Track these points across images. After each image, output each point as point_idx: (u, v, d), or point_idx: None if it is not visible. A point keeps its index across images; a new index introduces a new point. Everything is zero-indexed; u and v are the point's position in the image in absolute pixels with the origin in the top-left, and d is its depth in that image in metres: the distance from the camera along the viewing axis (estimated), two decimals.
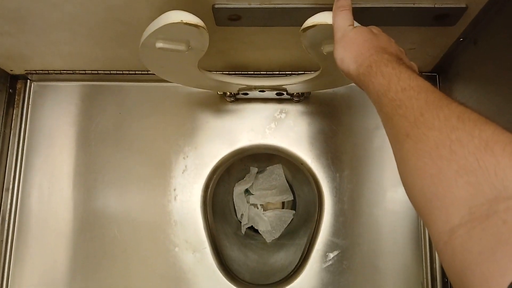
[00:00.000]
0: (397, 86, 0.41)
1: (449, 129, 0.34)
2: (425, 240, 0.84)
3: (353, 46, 0.49)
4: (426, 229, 0.83)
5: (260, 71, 0.87)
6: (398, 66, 0.43)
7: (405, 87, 0.40)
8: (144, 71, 0.87)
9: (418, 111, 0.37)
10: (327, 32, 0.55)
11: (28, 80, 0.91)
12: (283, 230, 1.00)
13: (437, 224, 0.33)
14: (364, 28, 0.52)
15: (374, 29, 0.53)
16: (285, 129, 0.88)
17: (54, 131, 0.90)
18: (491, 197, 0.29)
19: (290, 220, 1.01)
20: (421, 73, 0.87)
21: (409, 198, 0.37)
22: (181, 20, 0.54)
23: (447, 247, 0.32)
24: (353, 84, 0.86)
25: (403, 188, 0.39)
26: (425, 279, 0.82)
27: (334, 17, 0.53)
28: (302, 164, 0.87)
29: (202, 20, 0.55)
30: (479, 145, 0.31)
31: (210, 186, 0.89)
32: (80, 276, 0.84)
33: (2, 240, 0.85)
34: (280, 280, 0.86)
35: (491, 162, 0.30)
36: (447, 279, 0.80)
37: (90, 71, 0.88)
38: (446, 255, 0.32)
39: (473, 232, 0.30)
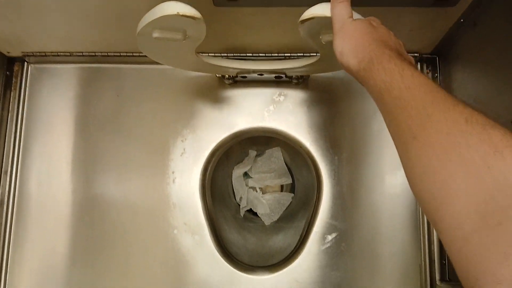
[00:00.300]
0: (401, 83, 0.40)
1: (458, 133, 0.33)
2: (423, 223, 0.84)
3: (352, 38, 0.49)
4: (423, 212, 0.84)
5: (258, 53, 0.86)
6: (401, 63, 0.43)
7: (409, 85, 0.40)
8: (142, 53, 0.86)
9: (425, 112, 0.36)
10: (326, 22, 0.54)
11: (26, 63, 0.91)
12: (281, 213, 1.01)
13: (449, 231, 0.33)
14: (364, 20, 0.51)
15: (374, 21, 0.53)
16: (284, 112, 0.88)
17: (52, 114, 0.89)
18: (503, 204, 0.29)
19: (288, 203, 1.02)
20: (420, 55, 0.86)
21: (418, 201, 0.37)
22: (177, 12, 0.53)
23: (460, 254, 0.32)
24: None
25: (401, 172, 0.39)
26: (422, 261, 0.83)
27: (332, 9, 0.52)
28: (301, 147, 0.87)
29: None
30: (488, 149, 0.31)
31: (209, 169, 0.89)
32: (80, 260, 0.85)
33: (1, 223, 0.86)
34: (278, 262, 0.87)
35: (501, 167, 0.30)
36: (445, 261, 0.81)
37: (87, 53, 0.87)
38: (459, 262, 0.32)
39: (486, 239, 0.30)
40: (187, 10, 0.54)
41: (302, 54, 0.86)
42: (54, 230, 0.86)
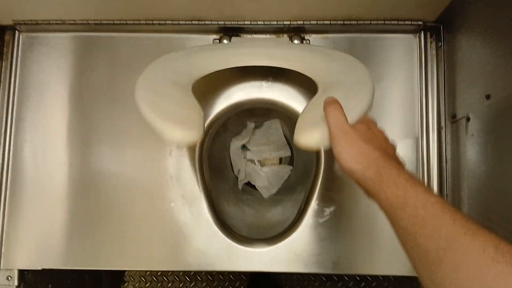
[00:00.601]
0: (416, 201, 0.41)
1: (489, 260, 0.34)
2: None
3: (354, 144, 0.49)
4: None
5: (257, 21, 0.83)
6: (410, 177, 0.44)
7: (425, 202, 0.40)
8: (136, 20, 0.84)
9: (449, 234, 0.37)
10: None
11: (17, 31, 0.88)
12: (280, 185, 0.99)
13: None
14: (363, 125, 0.52)
15: (370, 123, 0.54)
16: (283, 83, 0.85)
17: (45, 85, 0.87)
18: None
19: (287, 176, 1.00)
20: (424, 24, 0.83)
21: None
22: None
23: None
24: (354, 34, 0.84)
25: (404, 143, 0.37)
26: None
27: (328, 115, 0.53)
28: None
29: None
30: None
31: (206, 141, 0.88)
32: (77, 234, 0.84)
33: None
34: (277, 235, 0.86)
35: None
36: None
37: (80, 21, 0.84)
38: None
39: None
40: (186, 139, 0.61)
41: (302, 23, 0.83)
42: (50, 203, 0.84)
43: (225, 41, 0.84)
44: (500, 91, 0.61)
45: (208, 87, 0.85)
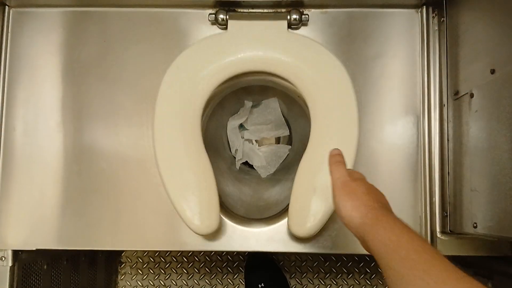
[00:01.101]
0: (409, 245, 0.44)
1: None
2: (424, 174, 0.81)
3: (355, 196, 0.54)
4: (424, 163, 0.81)
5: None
6: (406, 226, 0.48)
7: (418, 249, 0.44)
8: None
9: (441, 279, 0.40)
10: None
11: (6, 6, 0.85)
12: (278, 165, 0.98)
13: None
14: (362, 180, 0.58)
15: (365, 179, 0.59)
16: None
17: (35, 61, 0.85)
18: None
19: (285, 155, 0.99)
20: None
21: None
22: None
23: None
24: (354, 9, 0.82)
25: (402, 121, 0.36)
26: (423, 213, 0.81)
27: (331, 169, 0.59)
28: (298, 96, 0.83)
29: None
30: None
31: (203, 119, 0.85)
32: (71, 213, 0.82)
33: None
34: (275, 215, 0.84)
35: None
36: (446, 213, 0.78)
37: None
38: None
39: None
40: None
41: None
42: (43, 182, 0.83)
43: (221, 16, 0.81)
44: (505, 65, 0.59)
45: None
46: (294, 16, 0.81)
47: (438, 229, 0.80)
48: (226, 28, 0.83)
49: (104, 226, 0.82)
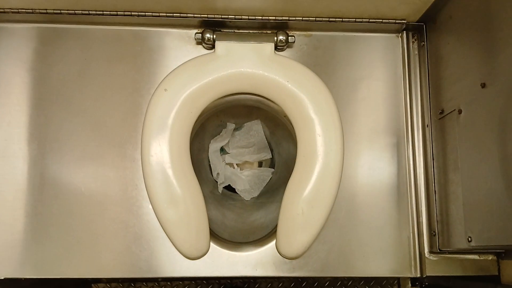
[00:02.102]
0: None
1: None
2: (410, 195, 0.82)
3: None
4: (410, 183, 0.82)
5: (241, 16, 0.81)
6: None
7: None
8: (113, 11, 0.79)
9: None
10: None
11: None
12: (262, 188, 0.96)
13: None
14: None
15: None
16: None
17: (10, 78, 0.81)
18: None
19: (269, 179, 0.97)
20: (407, 23, 0.84)
21: None
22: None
23: None
24: (338, 33, 0.83)
25: (386, 141, 0.35)
26: (411, 233, 0.80)
27: None
28: (285, 116, 0.83)
29: None
30: None
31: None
32: (39, 241, 0.77)
33: None
34: (260, 238, 0.82)
35: None
36: (435, 232, 0.78)
37: (52, 11, 0.79)
38: None
39: None
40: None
41: (287, 18, 0.82)
42: (9, 208, 0.78)
43: (208, 35, 0.80)
44: (496, 78, 0.61)
45: None
46: (281, 38, 0.81)
47: (426, 249, 0.80)
48: (211, 48, 0.83)
49: (73, 254, 0.77)
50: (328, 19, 0.82)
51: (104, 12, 0.80)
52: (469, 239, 0.67)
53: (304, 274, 0.79)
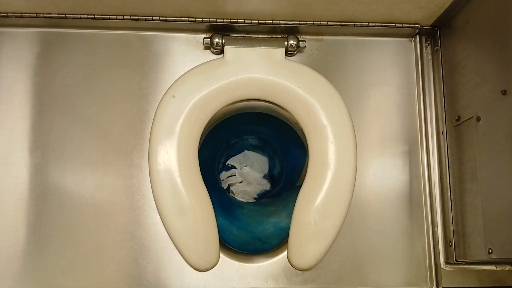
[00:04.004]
0: None
1: None
2: (425, 204, 0.79)
3: None
4: (425, 192, 0.79)
5: (251, 20, 0.79)
6: None
7: None
8: (120, 15, 0.77)
9: None
10: None
11: None
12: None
13: None
14: None
15: None
16: None
17: (13, 84, 0.78)
18: None
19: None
20: (421, 27, 0.82)
21: None
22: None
23: None
24: (349, 37, 0.81)
25: (403, 146, 0.33)
26: (426, 244, 0.78)
27: None
28: (295, 123, 0.81)
29: None
30: None
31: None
32: (33, 254, 0.74)
33: None
34: (273, 248, 0.79)
35: None
36: (451, 243, 0.76)
37: (57, 15, 0.77)
38: None
39: None
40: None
41: (298, 22, 0.79)
42: (15, 211, 0.76)
43: (216, 40, 0.78)
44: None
45: None
46: (292, 42, 0.79)
47: (442, 260, 0.78)
48: (220, 53, 0.80)
49: (77, 266, 0.75)
50: (340, 23, 0.80)
51: (110, 17, 0.77)
52: (490, 251, 0.65)
53: (316, 287, 0.76)
